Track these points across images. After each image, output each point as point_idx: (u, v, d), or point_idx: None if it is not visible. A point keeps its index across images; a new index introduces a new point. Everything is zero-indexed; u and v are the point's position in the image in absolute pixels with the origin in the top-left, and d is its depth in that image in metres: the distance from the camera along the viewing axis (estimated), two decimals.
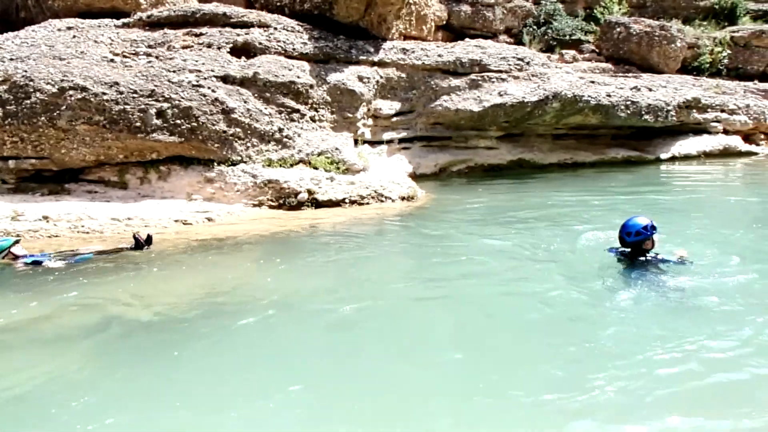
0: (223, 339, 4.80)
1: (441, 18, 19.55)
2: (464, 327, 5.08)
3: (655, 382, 3.87)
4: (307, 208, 10.40)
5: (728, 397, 3.76)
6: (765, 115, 19.29)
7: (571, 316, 5.14)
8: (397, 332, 4.93)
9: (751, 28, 24.81)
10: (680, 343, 4.36)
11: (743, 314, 4.89)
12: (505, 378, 4.02)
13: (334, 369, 4.26)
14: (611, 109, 15.48)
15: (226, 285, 6.20)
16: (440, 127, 14.72)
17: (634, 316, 5.05)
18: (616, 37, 22.46)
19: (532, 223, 8.93)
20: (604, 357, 4.25)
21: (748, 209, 10.19)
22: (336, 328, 4.97)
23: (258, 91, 11.46)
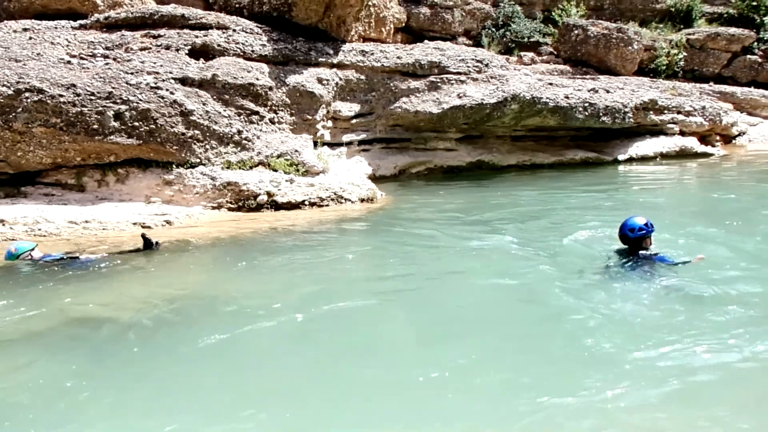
0: (181, 345, 4.83)
1: (400, 20, 19.76)
2: (427, 327, 5.18)
3: (645, 380, 3.98)
4: (267, 210, 10.48)
5: (716, 395, 3.88)
6: (720, 116, 19.84)
7: (546, 315, 5.28)
8: (358, 335, 5.00)
9: (706, 30, 25.50)
10: (669, 340, 4.50)
11: (739, 311, 5.07)
12: (480, 377, 4.12)
13: (297, 374, 4.29)
14: (569, 111, 15.77)
15: (184, 289, 6.23)
16: (400, 129, 14.89)
17: (619, 312, 5.20)
18: (573, 40, 22.94)
19: (493, 224, 9.17)
20: (586, 355, 4.40)
21: (714, 206, 10.56)
22: (297, 332, 5.02)
23: (217, 93, 11.49)
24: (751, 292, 5.44)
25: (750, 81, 25.71)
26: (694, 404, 3.75)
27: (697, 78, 24.98)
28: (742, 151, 20.09)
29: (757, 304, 5.18)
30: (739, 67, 25.78)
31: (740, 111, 23.76)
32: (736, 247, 7.06)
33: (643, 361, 4.23)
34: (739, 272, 6.09)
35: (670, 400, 3.74)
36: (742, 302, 5.23)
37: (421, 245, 7.87)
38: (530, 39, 23.29)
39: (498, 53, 20.28)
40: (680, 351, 4.34)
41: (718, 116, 19.74)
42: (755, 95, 24.76)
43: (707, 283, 5.65)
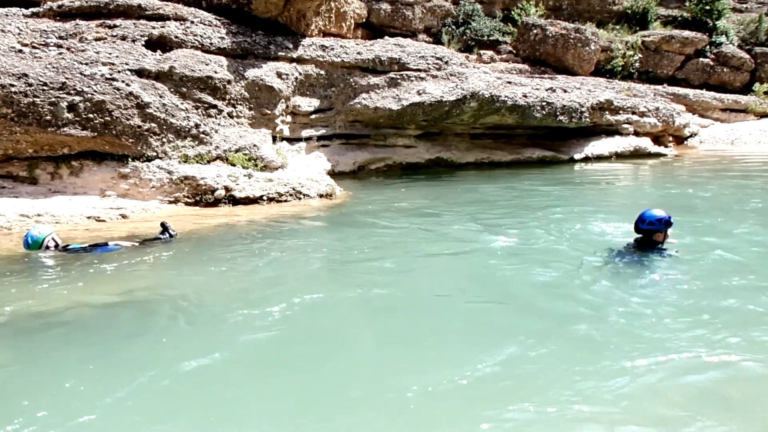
0: (135, 345, 4.75)
1: (361, 16, 19.76)
2: (387, 326, 5.15)
3: (635, 376, 4.00)
4: (225, 205, 10.42)
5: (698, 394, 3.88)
6: (673, 118, 20.38)
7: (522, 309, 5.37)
8: (319, 332, 4.96)
9: (661, 33, 26.11)
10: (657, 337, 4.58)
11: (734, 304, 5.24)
12: (442, 375, 4.09)
13: (253, 372, 4.25)
14: (527, 110, 16.01)
15: (138, 286, 6.14)
16: (359, 125, 14.92)
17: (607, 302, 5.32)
18: (532, 39, 23.27)
19: (452, 219, 9.31)
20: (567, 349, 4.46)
21: (667, 201, 10.86)
22: (255, 330, 4.96)
23: (174, 86, 11.35)
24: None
25: (702, 83, 26.46)
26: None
27: (652, 79, 25.58)
28: (694, 152, 20.69)
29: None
30: (691, 69, 26.49)
31: (692, 113, 24.46)
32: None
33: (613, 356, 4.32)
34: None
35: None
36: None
37: (379, 241, 7.93)
38: (490, 37, 23.53)
39: (458, 51, 20.44)
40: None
41: (671, 117, 20.25)
42: (707, 97, 25.49)
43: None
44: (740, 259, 6.53)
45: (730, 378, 3.97)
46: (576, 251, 7.00)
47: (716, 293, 5.42)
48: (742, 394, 3.81)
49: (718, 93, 26.11)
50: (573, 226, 8.38)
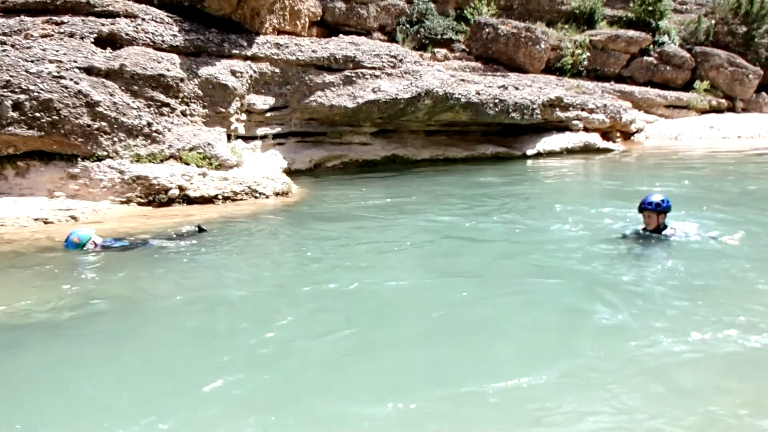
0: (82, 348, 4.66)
1: (315, 14, 19.66)
2: (346, 320, 5.08)
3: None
4: (179, 204, 10.25)
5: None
6: (620, 114, 20.91)
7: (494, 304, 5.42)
8: (273, 332, 4.86)
9: (607, 32, 26.76)
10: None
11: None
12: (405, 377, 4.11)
13: (200, 378, 4.10)
14: (480, 107, 16.18)
15: (86, 289, 5.98)
16: (315, 123, 14.86)
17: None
18: (485, 38, 23.55)
19: (409, 214, 9.38)
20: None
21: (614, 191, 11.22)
22: (208, 333, 4.89)
23: (125, 84, 11.09)
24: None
25: (647, 81, 27.19)
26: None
27: (600, 77, 26.19)
28: (640, 147, 21.26)
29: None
30: (637, 67, 27.20)
31: (638, 109, 25.14)
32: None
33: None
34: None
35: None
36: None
37: (336, 238, 7.92)
38: (443, 36, 23.71)
39: (412, 49, 20.54)
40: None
41: (618, 114, 20.78)
42: (651, 95, 26.23)
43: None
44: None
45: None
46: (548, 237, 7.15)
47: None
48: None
49: (662, 90, 26.90)
50: (532, 217, 8.69)
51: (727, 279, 5.69)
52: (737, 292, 5.32)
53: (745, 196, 10.62)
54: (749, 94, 28.88)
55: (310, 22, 18.68)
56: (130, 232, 8.34)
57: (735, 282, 5.61)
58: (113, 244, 7.42)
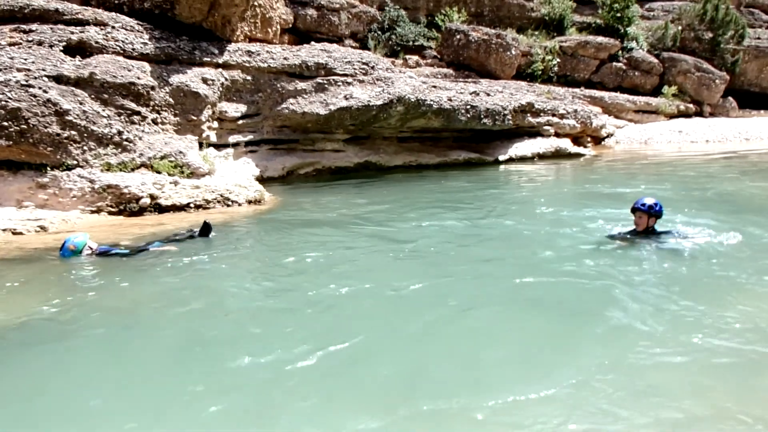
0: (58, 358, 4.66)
1: (287, 21, 19.70)
2: (327, 330, 5.11)
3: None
4: (150, 213, 10.20)
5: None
6: (591, 119, 21.22)
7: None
8: (250, 338, 4.94)
9: (577, 38, 27.19)
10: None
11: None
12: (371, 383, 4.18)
13: (184, 384, 4.18)
14: (452, 113, 16.33)
15: (58, 299, 5.94)
16: (287, 130, 14.87)
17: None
18: (456, 44, 23.78)
19: (383, 221, 9.45)
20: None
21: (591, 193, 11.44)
22: (187, 340, 4.91)
23: (95, 93, 11.02)
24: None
25: (616, 86, 27.66)
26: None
27: (570, 83, 26.57)
28: (611, 151, 21.59)
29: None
30: (606, 73, 27.65)
31: (608, 114, 25.56)
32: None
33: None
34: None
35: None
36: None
37: (310, 245, 7.94)
38: (415, 42, 23.87)
39: (384, 56, 20.65)
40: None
41: (588, 119, 21.07)
42: (621, 100, 26.69)
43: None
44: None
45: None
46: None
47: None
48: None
49: (631, 95, 27.41)
50: (510, 220, 8.95)
51: (716, 279, 5.90)
52: (726, 293, 5.49)
53: (722, 199, 10.95)
54: (716, 98, 29.53)
55: (282, 29, 18.70)
56: (101, 242, 8.27)
57: (722, 282, 5.81)
58: (110, 251, 7.45)
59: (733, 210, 9.46)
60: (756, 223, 8.19)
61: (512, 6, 27.43)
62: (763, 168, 16.00)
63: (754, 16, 33.63)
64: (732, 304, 5.19)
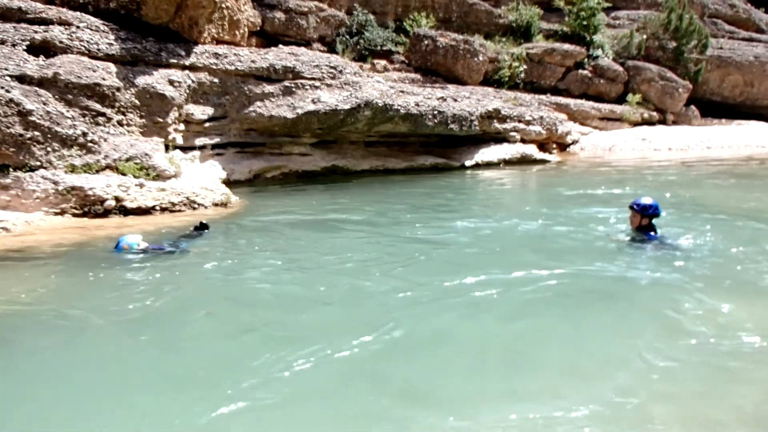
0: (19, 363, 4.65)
1: (255, 24, 19.70)
2: (297, 338, 5.10)
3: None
4: (115, 216, 10.11)
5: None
6: (556, 126, 21.55)
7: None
8: (223, 346, 4.95)
9: (543, 45, 27.62)
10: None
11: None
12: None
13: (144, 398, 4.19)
14: (420, 118, 16.45)
15: (19, 304, 5.91)
16: (254, 134, 14.86)
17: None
18: (424, 49, 24.00)
19: (348, 224, 9.58)
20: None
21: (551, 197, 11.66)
22: (152, 347, 4.90)
23: (59, 93, 10.92)
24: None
25: (582, 93, 28.15)
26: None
27: (536, 89, 26.98)
28: (576, 158, 21.94)
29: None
30: (572, 80, 28.12)
31: (574, 121, 25.99)
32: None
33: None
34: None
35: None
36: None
37: (276, 248, 8.00)
38: (383, 47, 24.02)
39: (352, 60, 20.75)
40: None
41: (554, 125, 21.40)
42: (586, 107, 27.16)
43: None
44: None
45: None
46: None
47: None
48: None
49: (597, 103, 27.92)
50: (483, 222, 9.30)
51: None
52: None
53: (693, 203, 11.44)
54: (679, 107, 30.23)
55: (250, 32, 18.68)
56: (63, 243, 8.23)
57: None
58: (162, 248, 7.80)
59: (696, 210, 9.90)
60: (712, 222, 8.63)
61: (480, 12, 27.77)
62: (719, 174, 16.45)
63: (717, 26, 34.47)
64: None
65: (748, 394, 3.96)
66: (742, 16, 36.52)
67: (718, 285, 6.03)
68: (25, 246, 8.04)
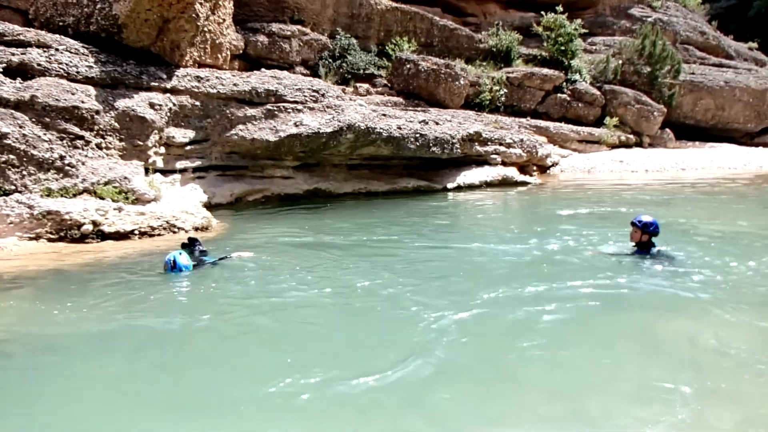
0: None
1: (237, 47, 19.65)
2: (286, 363, 5.07)
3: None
4: (93, 240, 9.89)
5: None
6: (536, 148, 21.65)
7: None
8: (197, 376, 4.83)
9: (523, 70, 27.89)
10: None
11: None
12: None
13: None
14: (402, 141, 16.43)
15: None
16: (236, 157, 14.73)
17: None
18: (406, 73, 24.08)
19: (331, 248, 9.42)
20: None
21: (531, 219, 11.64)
22: (128, 377, 4.73)
23: (36, 116, 10.74)
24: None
25: (561, 117, 28.41)
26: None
27: (516, 113, 27.18)
28: (556, 180, 22.05)
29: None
30: (551, 104, 28.38)
31: (553, 144, 26.18)
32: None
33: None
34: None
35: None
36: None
37: (256, 273, 7.84)
38: (365, 71, 24.08)
39: (334, 83, 20.76)
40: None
41: (534, 148, 21.50)
42: (565, 130, 27.41)
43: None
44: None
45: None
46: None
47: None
48: None
49: (575, 126, 28.16)
50: (468, 243, 9.14)
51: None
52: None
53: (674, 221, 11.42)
54: (654, 130, 30.62)
55: (232, 55, 18.62)
56: (38, 269, 8.01)
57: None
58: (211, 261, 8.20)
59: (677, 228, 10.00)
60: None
61: (461, 37, 28.01)
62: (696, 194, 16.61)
63: (688, 53, 35.10)
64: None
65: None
66: (712, 43, 37.28)
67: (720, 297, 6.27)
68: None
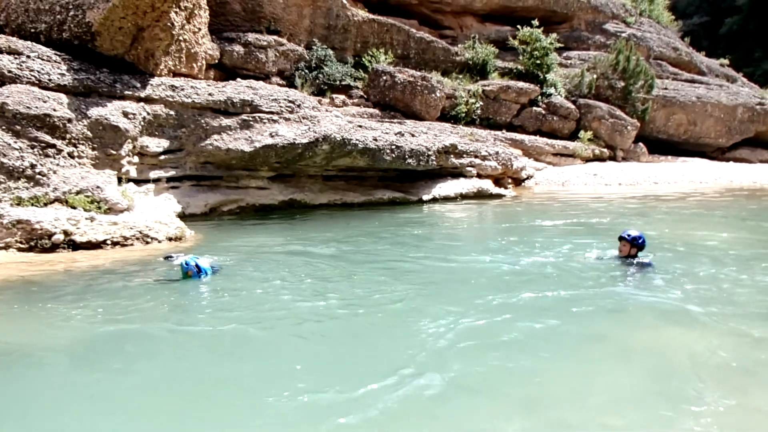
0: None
1: (213, 57, 19.58)
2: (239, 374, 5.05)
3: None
4: (64, 250, 9.73)
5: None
6: (511, 161, 21.81)
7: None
8: (174, 387, 4.78)
9: (499, 83, 28.17)
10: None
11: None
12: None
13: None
14: (377, 153, 16.43)
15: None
16: (211, 167, 14.63)
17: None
18: (382, 85, 24.20)
19: (310, 257, 9.43)
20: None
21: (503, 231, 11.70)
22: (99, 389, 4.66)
23: (6, 124, 10.57)
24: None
25: (536, 130, 28.71)
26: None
27: (492, 125, 27.40)
28: (531, 192, 22.23)
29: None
30: (526, 117, 28.68)
31: (528, 157, 26.44)
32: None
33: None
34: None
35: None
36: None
37: (230, 285, 7.78)
38: (342, 82, 24.14)
39: (311, 94, 20.78)
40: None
41: (509, 161, 21.66)
42: (540, 143, 27.70)
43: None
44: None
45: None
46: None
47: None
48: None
49: (550, 139, 28.49)
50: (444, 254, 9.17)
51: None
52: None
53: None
54: (628, 144, 31.09)
55: (208, 65, 18.56)
56: (6, 279, 7.86)
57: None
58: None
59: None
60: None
61: (437, 50, 28.24)
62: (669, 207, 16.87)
63: (662, 68, 35.78)
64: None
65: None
66: (684, 59, 38.06)
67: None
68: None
